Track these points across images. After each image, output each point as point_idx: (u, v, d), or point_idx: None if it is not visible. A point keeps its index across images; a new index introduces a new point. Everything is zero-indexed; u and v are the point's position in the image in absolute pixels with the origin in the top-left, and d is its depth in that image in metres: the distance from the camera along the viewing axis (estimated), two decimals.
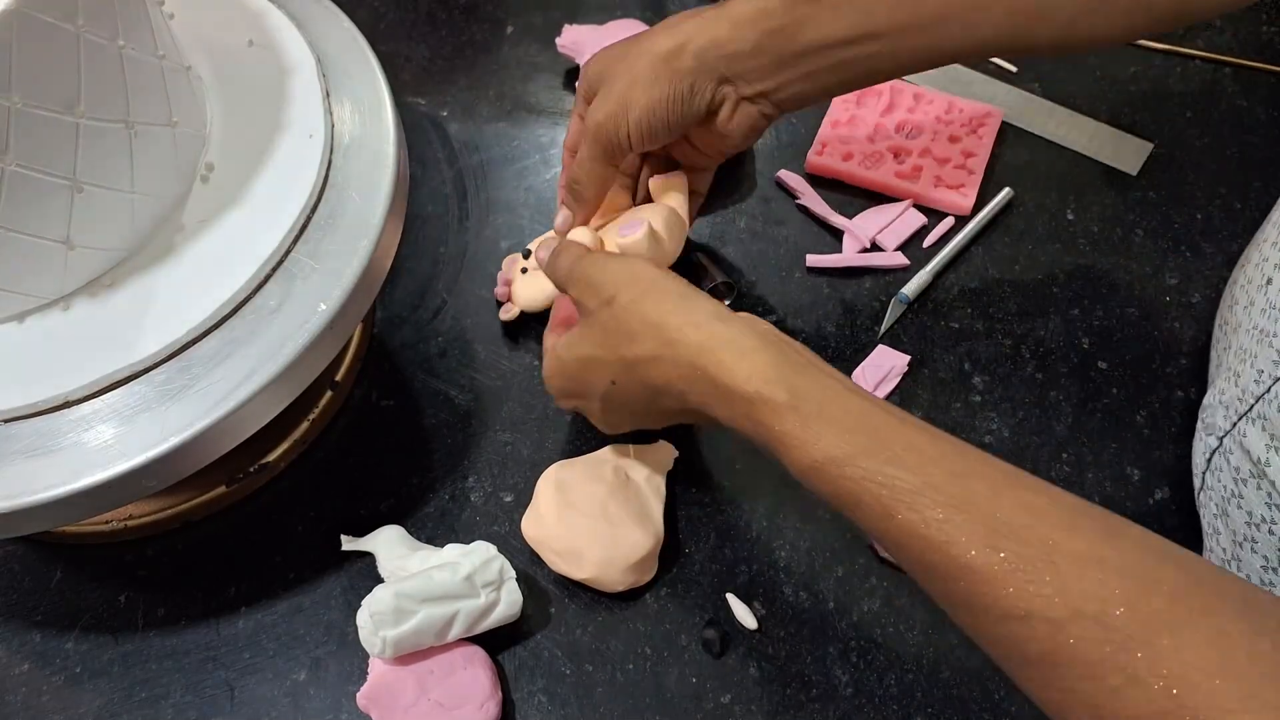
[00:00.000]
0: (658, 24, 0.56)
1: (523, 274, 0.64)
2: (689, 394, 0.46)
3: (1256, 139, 0.73)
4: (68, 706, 0.55)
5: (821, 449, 0.41)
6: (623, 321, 0.48)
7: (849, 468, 0.40)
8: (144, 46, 0.50)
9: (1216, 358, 0.59)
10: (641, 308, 0.48)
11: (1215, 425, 0.54)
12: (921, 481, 0.39)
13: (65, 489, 0.47)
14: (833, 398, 0.43)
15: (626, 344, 0.48)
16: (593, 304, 0.50)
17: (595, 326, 0.50)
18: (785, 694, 0.54)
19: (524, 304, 0.64)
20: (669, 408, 0.50)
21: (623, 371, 0.49)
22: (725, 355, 0.45)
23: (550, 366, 0.55)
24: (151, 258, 0.53)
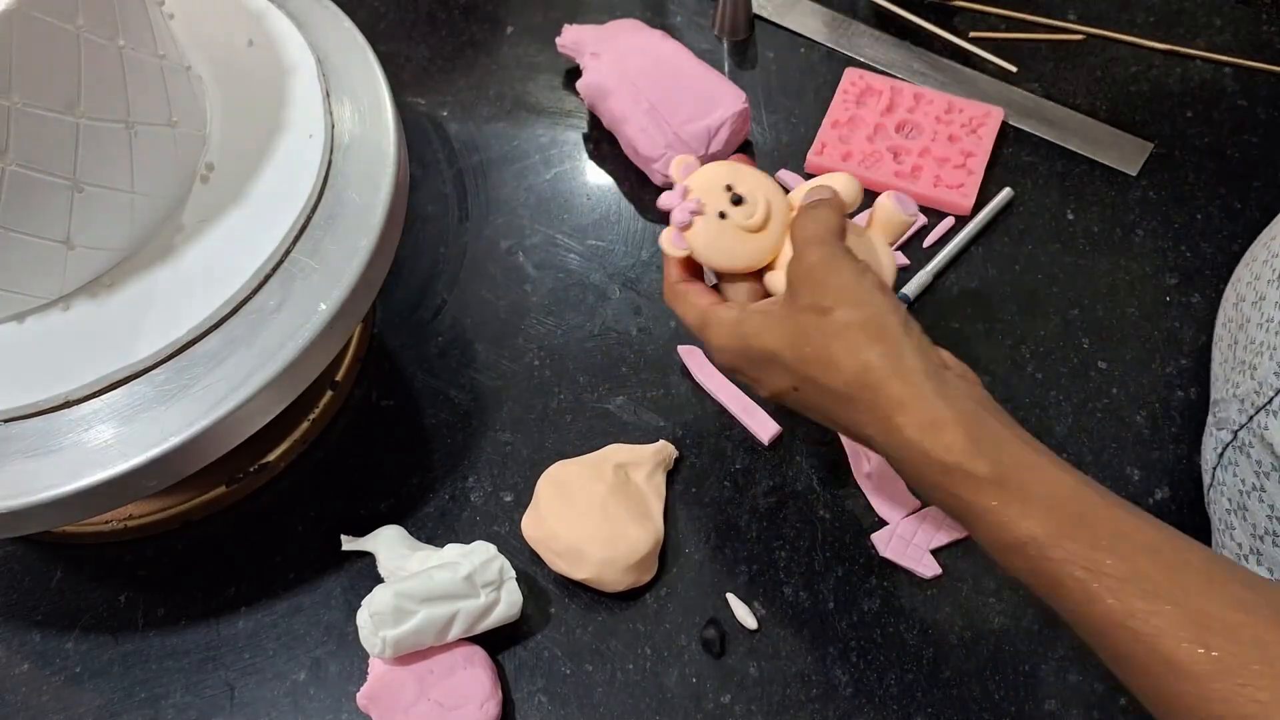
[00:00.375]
0: None
1: (719, 218, 0.50)
2: (877, 441, 0.44)
3: (1256, 139, 0.73)
4: (68, 706, 0.55)
5: (1024, 529, 0.39)
6: (826, 342, 0.44)
7: (1052, 550, 0.38)
8: (144, 46, 0.50)
9: (1221, 355, 0.59)
10: (852, 337, 0.43)
11: (1229, 420, 0.54)
12: (1129, 569, 0.37)
13: (65, 489, 0.47)
14: (1038, 475, 0.40)
15: (820, 368, 0.44)
16: (805, 297, 0.45)
17: (794, 327, 0.45)
18: (785, 694, 0.54)
19: (706, 258, 0.50)
20: (846, 433, 0.47)
21: (808, 388, 0.46)
22: (927, 418, 0.41)
23: (726, 336, 0.48)
24: (151, 258, 0.53)
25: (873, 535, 0.58)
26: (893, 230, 0.51)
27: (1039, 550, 0.39)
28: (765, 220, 0.50)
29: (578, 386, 0.64)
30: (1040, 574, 0.39)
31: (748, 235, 0.50)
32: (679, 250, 0.50)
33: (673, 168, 0.52)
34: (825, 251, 0.45)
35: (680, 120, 0.69)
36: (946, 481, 0.41)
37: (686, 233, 0.50)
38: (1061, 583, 0.38)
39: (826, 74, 0.77)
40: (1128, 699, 0.53)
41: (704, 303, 0.50)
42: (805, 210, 0.48)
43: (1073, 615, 0.39)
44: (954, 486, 0.41)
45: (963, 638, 0.55)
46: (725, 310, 0.49)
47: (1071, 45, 0.78)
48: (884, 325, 0.43)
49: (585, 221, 0.71)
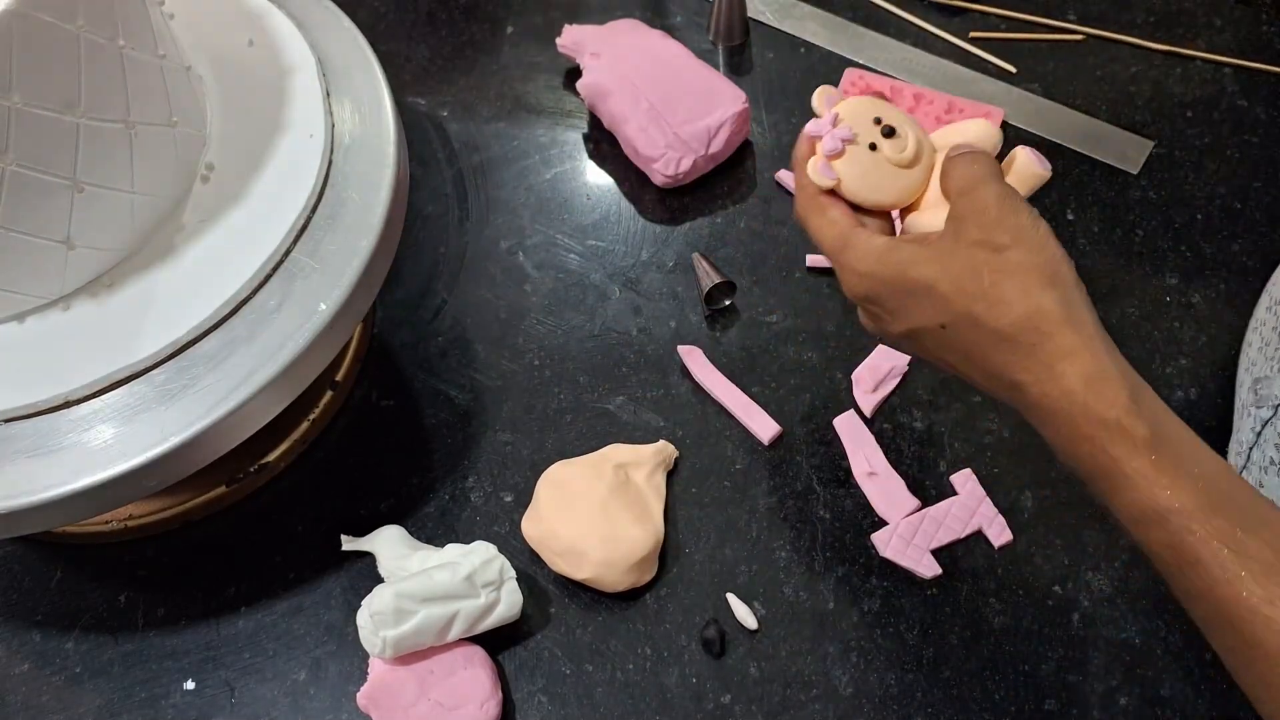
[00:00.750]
0: None
1: (869, 150, 0.47)
2: (1028, 389, 0.41)
3: (1256, 139, 0.73)
4: (68, 706, 0.55)
5: (1172, 498, 0.38)
6: (998, 280, 0.41)
7: (1198, 523, 0.37)
8: (144, 46, 0.50)
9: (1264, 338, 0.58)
10: (1026, 278, 0.41)
11: (1271, 396, 0.53)
12: (1274, 556, 0.36)
13: (65, 489, 0.47)
14: (1191, 449, 0.39)
15: (985, 305, 0.42)
16: (975, 232, 0.43)
17: (962, 260, 0.43)
18: (785, 694, 0.54)
19: (855, 192, 0.47)
20: (983, 379, 0.44)
21: (962, 326, 0.43)
22: (1094, 370, 0.40)
23: (872, 262, 0.45)
24: (151, 258, 0.53)
25: (873, 535, 0.58)
26: (1028, 184, 0.48)
27: (1183, 522, 0.37)
28: (916, 157, 0.47)
29: (578, 386, 0.64)
30: (1178, 547, 0.38)
31: (898, 170, 0.47)
32: (827, 180, 0.47)
33: (816, 97, 0.49)
34: (1001, 190, 0.43)
35: (680, 120, 0.69)
36: (1102, 437, 0.39)
37: (835, 162, 0.47)
38: (1200, 559, 0.37)
39: (826, 74, 0.77)
40: (1128, 699, 0.53)
41: (847, 223, 0.47)
42: (966, 154, 0.46)
43: (1200, 595, 0.38)
44: (1109, 444, 0.39)
45: (963, 638, 0.55)
46: (872, 235, 0.46)
47: (1071, 45, 0.78)
48: (1059, 271, 0.42)
49: (585, 221, 0.71)
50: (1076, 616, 0.55)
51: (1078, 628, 0.55)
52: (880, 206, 0.48)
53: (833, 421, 0.62)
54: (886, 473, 0.60)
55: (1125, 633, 0.55)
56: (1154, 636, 0.54)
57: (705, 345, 0.65)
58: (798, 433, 0.62)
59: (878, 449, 0.61)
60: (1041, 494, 0.59)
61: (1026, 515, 0.58)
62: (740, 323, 0.66)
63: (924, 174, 0.48)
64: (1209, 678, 0.53)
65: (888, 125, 0.47)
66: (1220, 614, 0.37)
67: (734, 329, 0.66)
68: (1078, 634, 0.55)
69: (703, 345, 0.65)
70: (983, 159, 0.45)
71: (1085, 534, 0.57)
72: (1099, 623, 0.55)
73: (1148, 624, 0.55)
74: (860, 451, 0.60)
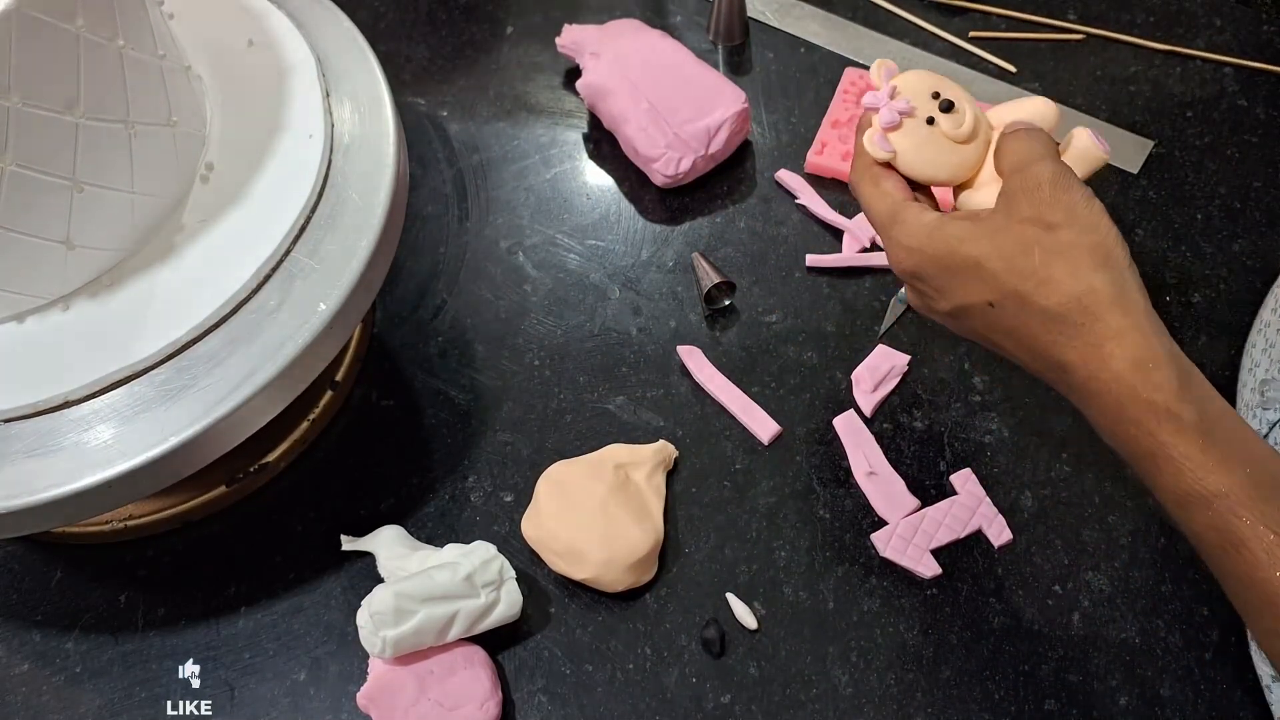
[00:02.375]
0: None
1: (927, 123, 0.47)
2: (1075, 370, 0.41)
3: (1256, 139, 0.73)
4: (68, 706, 0.55)
5: (1219, 482, 0.38)
6: (1049, 259, 0.41)
7: (1244, 508, 0.37)
8: (144, 46, 0.50)
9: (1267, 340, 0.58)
10: (1078, 258, 0.41)
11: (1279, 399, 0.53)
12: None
13: (65, 489, 0.47)
14: (1239, 433, 0.39)
15: (1035, 284, 0.41)
16: (1027, 210, 0.42)
17: (1013, 238, 0.42)
18: (785, 694, 0.54)
19: (911, 165, 0.47)
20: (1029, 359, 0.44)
21: (1010, 304, 0.43)
22: (1143, 353, 0.40)
23: (922, 237, 0.45)
24: (151, 258, 0.53)
25: (873, 535, 0.58)
26: (1087, 165, 0.47)
27: (1229, 506, 0.37)
28: (973, 132, 0.47)
29: (578, 386, 0.64)
30: (1224, 530, 0.38)
31: (955, 146, 0.47)
32: (884, 153, 0.46)
33: (874, 69, 0.48)
34: (1055, 168, 0.43)
35: (680, 120, 0.69)
36: (1149, 420, 0.39)
37: (892, 135, 0.46)
38: (1245, 543, 0.37)
39: (826, 74, 0.77)
40: (1128, 699, 0.53)
41: (899, 196, 0.46)
42: (1021, 131, 0.45)
43: (1242, 578, 0.38)
44: (1155, 427, 0.39)
45: (963, 638, 0.55)
46: (923, 210, 0.46)
47: (1071, 45, 0.78)
48: (1111, 252, 0.41)
49: (585, 221, 0.72)
50: (1076, 616, 0.55)
51: (1078, 628, 0.55)
52: (935, 182, 0.47)
53: (833, 421, 0.62)
54: (886, 473, 0.60)
55: (1125, 633, 0.55)
56: (1154, 636, 0.54)
57: (705, 345, 0.65)
58: (798, 433, 0.62)
59: (878, 449, 0.61)
60: (1041, 494, 0.59)
61: (1026, 515, 0.58)
62: (740, 323, 0.66)
63: (980, 151, 0.47)
64: (1209, 678, 0.53)
65: (946, 100, 0.46)
66: (1263, 597, 0.37)
67: (734, 329, 0.66)
68: (1078, 634, 0.55)
69: (703, 345, 0.65)
70: (1038, 135, 0.45)
71: (1085, 534, 0.57)
72: (1099, 623, 0.55)
73: (1148, 624, 0.55)
74: (860, 451, 0.60)
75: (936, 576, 0.56)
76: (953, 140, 0.47)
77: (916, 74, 0.48)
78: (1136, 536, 0.57)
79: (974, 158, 0.47)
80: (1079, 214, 0.42)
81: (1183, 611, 0.55)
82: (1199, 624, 0.55)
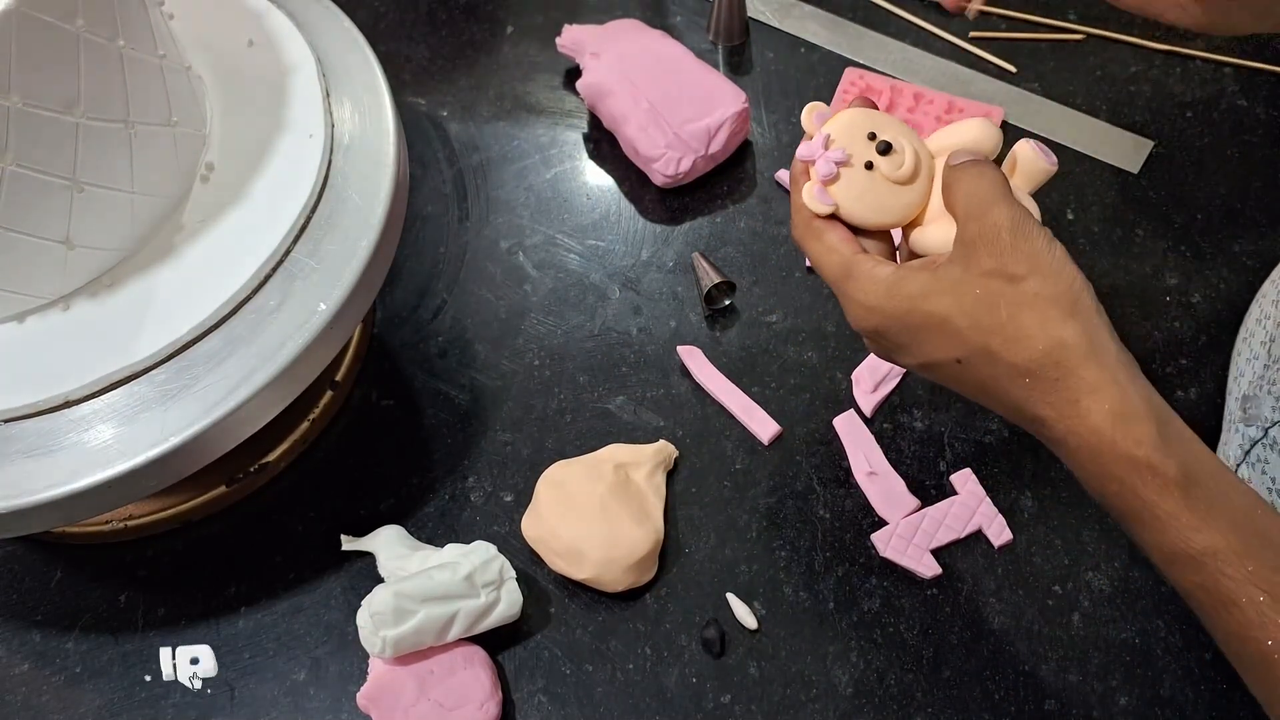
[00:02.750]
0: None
1: (865, 169, 0.45)
2: (1052, 425, 0.40)
3: (1256, 139, 0.73)
4: (68, 706, 0.55)
5: (1206, 540, 0.36)
6: (1015, 313, 0.39)
7: (1232, 566, 0.36)
8: (144, 46, 0.50)
9: (1252, 350, 0.58)
10: (1045, 309, 0.39)
11: (1260, 416, 0.53)
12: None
13: (65, 489, 0.47)
14: (1223, 485, 0.38)
15: (1002, 340, 0.40)
16: (987, 261, 0.40)
17: (976, 293, 0.40)
18: (785, 694, 0.54)
19: (854, 215, 0.45)
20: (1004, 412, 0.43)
21: (979, 360, 0.41)
22: (1120, 406, 0.38)
23: (880, 295, 0.43)
24: (151, 258, 0.53)
25: (873, 535, 0.58)
26: (1033, 180, 0.46)
27: (1217, 565, 0.36)
28: (915, 171, 0.45)
29: (578, 386, 0.64)
30: (1213, 590, 0.37)
31: (897, 188, 0.45)
32: (825, 207, 0.44)
33: (805, 115, 0.46)
34: (1012, 213, 0.41)
35: (680, 120, 0.69)
36: (1130, 477, 0.38)
37: (831, 187, 0.45)
38: (1235, 602, 0.36)
39: (826, 74, 0.77)
40: (1128, 699, 0.53)
41: (849, 250, 0.44)
42: (970, 167, 0.43)
43: (1235, 636, 0.37)
44: (1137, 484, 0.38)
45: (963, 638, 0.55)
46: (877, 264, 0.43)
47: (1071, 45, 0.78)
48: (1079, 300, 0.40)
49: (585, 221, 0.71)
50: (1076, 616, 0.55)
51: (1078, 628, 0.55)
52: (882, 227, 0.46)
53: (833, 421, 0.62)
54: (886, 472, 0.60)
55: (1125, 633, 0.55)
56: (1154, 636, 0.54)
57: (705, 345, 0.65)
58: (798, 433, 0.62)
59: (878, 449, 0.61)
60: (1041, 494, 0.59)
61: (1026, 515, 0.58)
62: (740, 323, 0.66)
63: (925, 186, 0.46)
64: (1209, 678, 0.53)
65: (883, 141, 0.45)
66: (1255, 657, 0.37)
67: (734, 329, 0.66)
68: (1078, 634, 0.55)
69: (703, 345, 0.65)
70: (988, 174, 0.42)
71: (1085, 534, 0.57)
72: (1099, 623, 0.55)
73: (1148, 624, 0.55)
74: (860, 451, 0.60)
75: (937, 576, 0.56)
76: (895, 182, 0.45)
77: (850, 113, 0.46)
78: None
79: (919, 196, 0.45)
80: (1042, 262, 0.40)
81: (1183, 612, 0.55)
82: (1199, 624, 0.54)
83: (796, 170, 0.46)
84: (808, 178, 0.45)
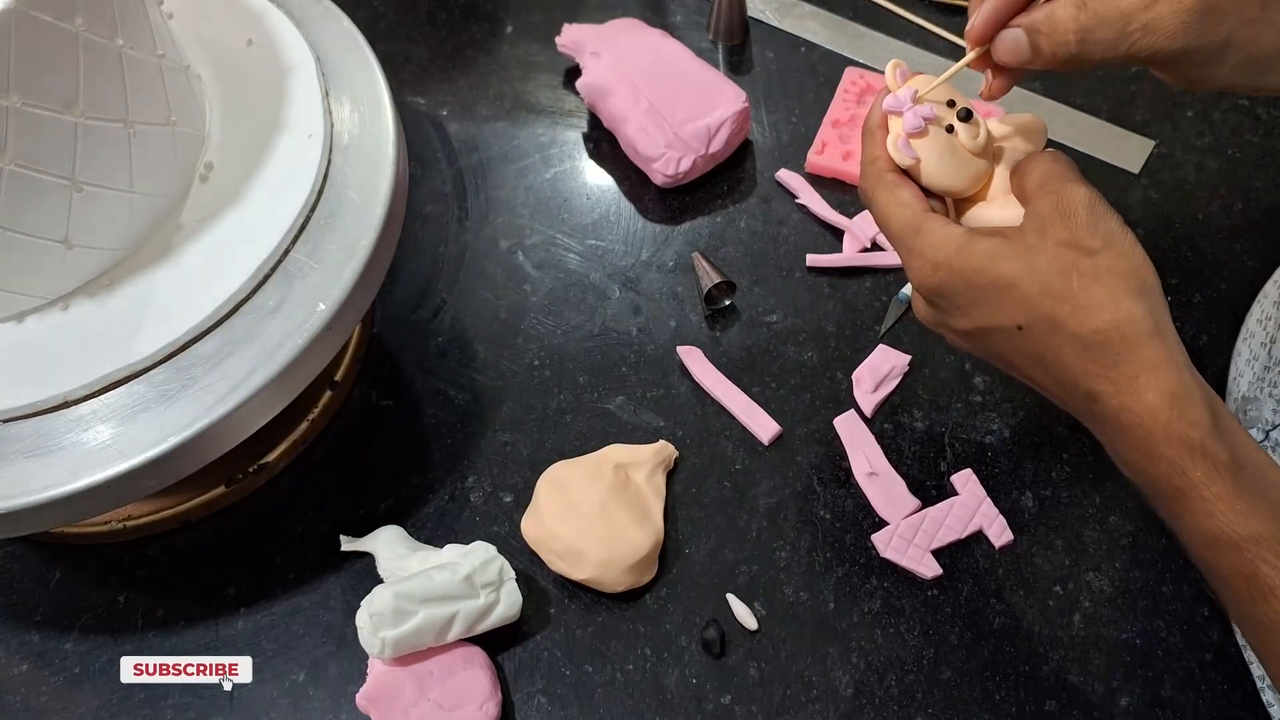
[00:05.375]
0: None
1: (947, 131, 0.45)
2: (1105, 399, 0.40)
3: (1256, 139, 0.73)
4: (68, 706, 0.55)
5: (1251, 526, 0.37)
6: (1087, 283, 0.40)
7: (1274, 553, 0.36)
8: (143, 46, 0.50)
9: (1252, 351, 0.58)
10: (1116, 284, 0.39)
11: (1260, 419, 0.53)
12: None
13: (65, 489, 0.47)
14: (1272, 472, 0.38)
15: (1070, 308, 0.40)
16: (1063, 233, 0.41)
17: (1049, 260, 0.41)
18: (785, 694, 0.54)
19: (930, 177, 0.45)
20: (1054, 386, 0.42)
21: (1041, 329, 0.41)
22: (1179, 386, 0.38)
23: (949, 252, 0.43)
24: (151, 257, 0.53)
25: (873, 535, 0.58)
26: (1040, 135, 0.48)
27: (1259, 552, 0.36)
28: (989, 143, 0.46)
29: (578, 386, 0.64)
30: (1252, 577, 0.37)
31: (971, 157, 0.45)
32: (908, 159, 0.45)
33: (889, 71, 0.46)
34: (1090, 193, 0.42)
35: (680, 120, 0.69)
36: (1181, 457, 0.38)
37: (916, 141, 0.45)
38: (1274, 590, 0.36)
39: (826, 74, 0.77)
40: (1128, 699, 0.53)
41: (920, 206, 0.44)
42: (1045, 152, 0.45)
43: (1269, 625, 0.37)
44: (1187, 464, 0.38)
45: (963, 638, 0.55)
46: (947, 223, 0.43)
47: None
48: (1147, 281, 0.40)
49: (585, 221, 0.71)
50: (1077, 617, 0.55)
51: (1078, 628, 0.55)
52: (952, 192, 0.46)
53: (833, 421, 0.62)
54: (887, 473, 0.60)
55: (1125, 633, 0.55)
56: (1154, 636, 0.54)
57: (705, 345, 0.65)
58: (798, 433, 0.62)
59: (878, 449, 0.61)
60: (1042, 494, 0.59)
61: (1027, 515, 0.58)
62: (740, 323, 0.66)
63: (990, 163, 0.46)
64: (1210, 679, 0.53)
65: (964, 108, 0.45)
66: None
67: (734, 329, 0.66)
68: (1078, 634, 0.55)
69: (703, 345, 0.65)
70: (1063, 158, 0.44)
71: (1085, 534, 0.57)
72: (1099, 623, 0.55)
73: (1148, 624, 0.55)
74: (860, 451, 0.60)
75: (937, 577, 0.56)
76: (971, 150, 0.45)
77: (927, 79, 0.46)
78: (1137, 537, 0.57)
79: (986, 170, 0.46)
80: (1116, 240, 0.41)
81: (1183, 612, 0.55)
82: (1199, 625, 0.55)
83: (873, 121, 0.46)
84: (885, 131, 0.45)
